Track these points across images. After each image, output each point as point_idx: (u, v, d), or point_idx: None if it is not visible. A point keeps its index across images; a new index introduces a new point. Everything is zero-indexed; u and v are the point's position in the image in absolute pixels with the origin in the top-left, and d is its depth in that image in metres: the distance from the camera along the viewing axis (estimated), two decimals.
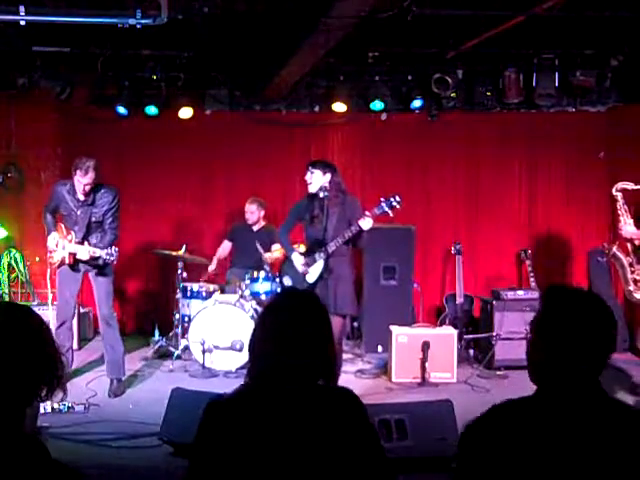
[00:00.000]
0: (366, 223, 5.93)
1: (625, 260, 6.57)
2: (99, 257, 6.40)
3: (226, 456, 2.28)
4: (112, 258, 6.37)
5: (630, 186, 6.57)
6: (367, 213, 5.99)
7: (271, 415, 2.30)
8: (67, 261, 6.53)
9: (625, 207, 6.58)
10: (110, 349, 6.80)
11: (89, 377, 7.09)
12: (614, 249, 6.68)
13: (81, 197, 6.52)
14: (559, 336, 2.11)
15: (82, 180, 6.36)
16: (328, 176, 6.06)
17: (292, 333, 2.40)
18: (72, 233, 6.53)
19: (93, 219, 6.56)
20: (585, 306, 2.15)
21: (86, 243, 6.49)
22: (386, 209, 6.03)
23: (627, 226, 6.47)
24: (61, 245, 6.56)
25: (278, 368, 2.36)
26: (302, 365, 2.37)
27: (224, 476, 2.28)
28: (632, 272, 6.55)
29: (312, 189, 6.06)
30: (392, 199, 6.05)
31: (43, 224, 6.79)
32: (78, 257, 6.46)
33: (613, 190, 6.67)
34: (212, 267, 8.64)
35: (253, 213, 8.56)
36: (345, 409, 2.37)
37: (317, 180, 6.06)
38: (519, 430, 2.05)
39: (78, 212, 6.55)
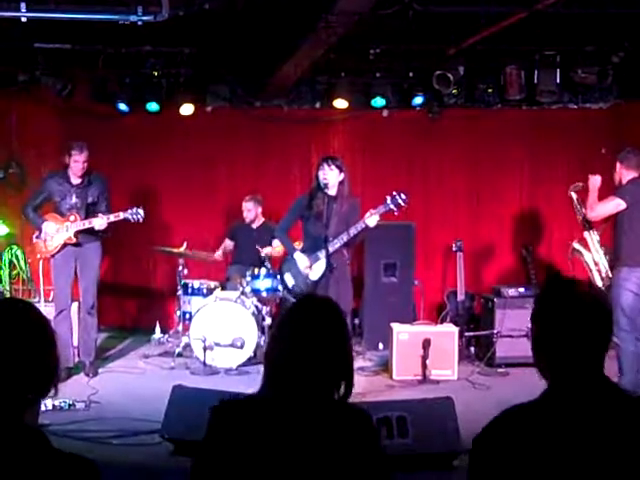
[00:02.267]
0: (372, 220, 5.99)
1: (588, 255, 6.60)
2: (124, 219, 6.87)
3: (231, 460, 2.26)
4: (138, 216, 6.86)
5: (580, 186, 6.73)
6: (372, 211, 6.02)
7: (280, 426, 2.27)
8: (72, 240, 6.86)
9: (579, 205, 6.69)
10: (86, 335, 7.20)
11: None
12: (574, 244, 6.71)
13: (76, 181, 6.96)
14: (559, 327, 2.09)
15: (80, 158, 6.87)
16: (341, 176, 6.12)
17: (313, 341, 2.36)
18: (74, 214, 6.88)
19: (90, 199, 7.00)
20: (582, 296, 2.13)
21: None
22: (392, 206, 6.06)
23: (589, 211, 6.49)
24: (63, 228, 6.87)
25: (295, 376, 2.33)
26: (320, 375, 2.35)
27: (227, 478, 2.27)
28: (596, 264, 6.58)
29: (327, 184, 6.07)
30: (398, 197, 6.08)
31: (28, 222, 7.22)
32: (97, 228, 6.86)
33: (569, 192, 6.79)
34: (218, 253, 8.65)
35: (250, 211, 8.57)
36: (356, 429, 2.33)
37: (332, 177, 6.09)
38: (532, 434, 2.02)
39: (74, 195, 6.96)
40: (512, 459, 2.02)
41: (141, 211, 6.88)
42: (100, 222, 6.83)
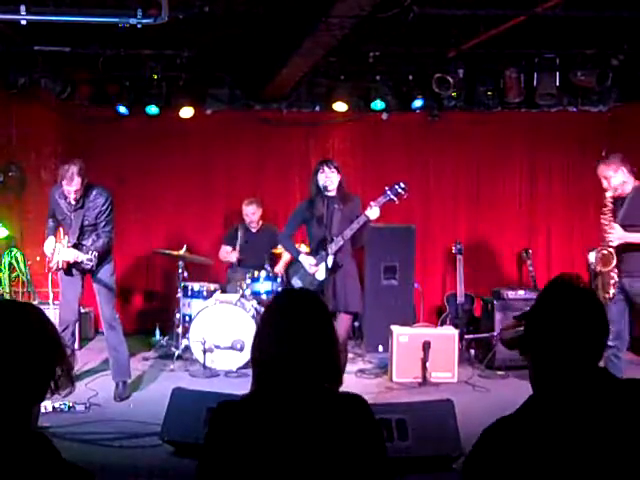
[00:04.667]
0: (373, 212, 5.96)
1: (608, 269, 6.04)
2: (82, 262, 6.30)
3: (235, 459, 2.27)
4: (90, 264, 6.25)
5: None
6: (372, 203, 6.01)
7: (280, 420, 2.29)
8: (60, 266, 6.46)
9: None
10: (114, 352, 6.72)
11: (90, 377, 7.08)
12: (600, 268, 6.09)
13: (73, 201, 6.42)
14: (552, 329, 2.15)
15: (70, 188, 6.27)
16: (339, 177, 6.13)
17: (295, 333, 2.37)
18: (67, 237, 6.46)
19: (86, 222, 6.45)
20: (573, 298, 2.18)
21: (73, 248, 6.41)
22: (392, 196, 6.05)
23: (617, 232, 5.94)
24: (57, 250, 6.50)
25: (283, 370, 2.34)
26: (307, 366, 2.36)
27: (233, 478, 2.27)
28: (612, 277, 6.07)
29: (327, 186, 6.08)
30: (397, 186, 6.08)
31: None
32: (65, 260, 6.39)
33: (609, 194, 6.02)
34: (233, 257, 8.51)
35: (254, 214, 8.53)
36: (354, 416, 2.34)
37: (334, 179, 6.10)
38: (525, 442, 2.03)
39: (72, 216, 6.47)
40: (507, 470, 2.02)
41: (94, 258, 6.23)
42: (69, 256, 6.34)
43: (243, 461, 2.25)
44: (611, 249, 5.99)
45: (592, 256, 6.16)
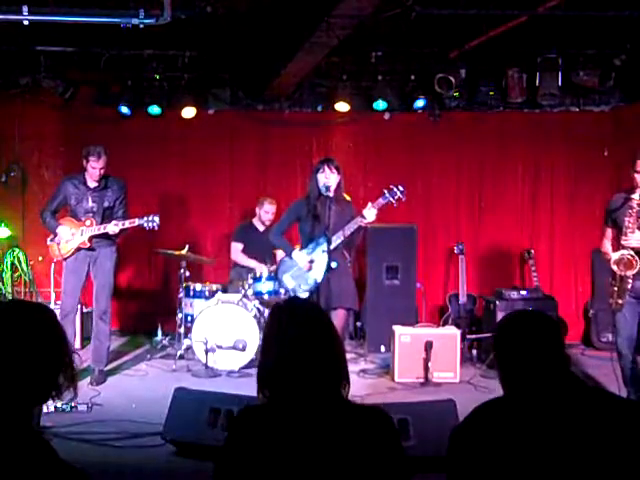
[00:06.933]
0: (370, 213, 5.99)
1: (632, 273, 5.75)
2: (125, 229, 6.81)
3: (253, 466, 2.25)
4: (153, 224, 6.79)
5: None
6: (371, 204, 6.04)
7: (301, 431, 2.28)
8: (87, 244, 6.81)
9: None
10: (98, 342, 7.06)
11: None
12: (623, 272, 5.76)
13: (92, 184, 6.88)
14: (518, 354, 2.43)
15: (97, 165, 6.78)
16: (339, 178, 6.15)
17: (300, 341, 2.37)
18: (90, 219, 6.83)
19: (106, 204, 6.93)
20: (530, 322, 2.48)
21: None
22: (390, 199, 6.08)
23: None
24: (78, 232, 6.81)
25: (294, 379, 2.34)
26: (316, 370, 2.35)
27: None
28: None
29: (329, 186, 6.09)
30: (395, 189, 6.11)
31: (44, 226, 7.03)
32: (110, 233, 6.80)
33: (637, 196, 5.65)
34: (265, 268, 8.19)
35: (268, 213, 8.48)
36: (377, 430, 2.34)
37: (334, 180, 6.11)
38: (505, 427, 2.23)
39: (90, 199, 6.89)
40: (488, 452, 2.25)
41: (157, 218, 6.79)
42: (113, 228, 6.76)
43: (262, 468, 2.25)
44: (636, 256, 5.65)
45: (615, 256, 5.79)
